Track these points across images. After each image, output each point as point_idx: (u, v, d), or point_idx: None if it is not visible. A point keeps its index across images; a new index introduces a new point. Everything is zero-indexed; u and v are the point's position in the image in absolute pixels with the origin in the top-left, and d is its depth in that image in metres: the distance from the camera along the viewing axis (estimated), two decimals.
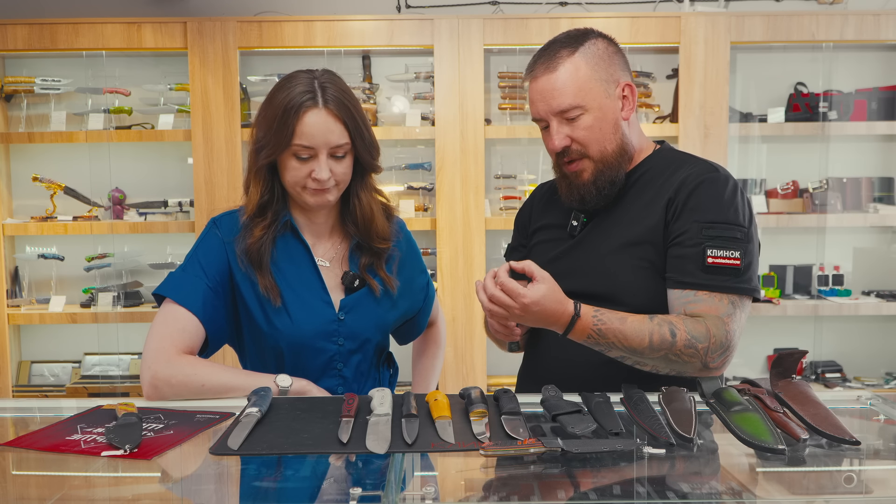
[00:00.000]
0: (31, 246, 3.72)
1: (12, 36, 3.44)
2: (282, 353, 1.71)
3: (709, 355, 1.53)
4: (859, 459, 1.24)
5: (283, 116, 1.63)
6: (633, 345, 1.53)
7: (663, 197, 1.64)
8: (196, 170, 3.50)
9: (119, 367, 3.74)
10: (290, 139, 1.63)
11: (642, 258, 1.63)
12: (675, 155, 1.75)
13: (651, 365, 1.56)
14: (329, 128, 1.64)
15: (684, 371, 1.56)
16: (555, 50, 1.64)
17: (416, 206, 3.65)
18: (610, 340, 1.53)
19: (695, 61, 3.46)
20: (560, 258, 1.73)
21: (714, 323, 1.54)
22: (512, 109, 3.64)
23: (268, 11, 3.65)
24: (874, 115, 3.63)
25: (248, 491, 1.21)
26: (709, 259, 1.56)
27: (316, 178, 1.65)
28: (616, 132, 1.65)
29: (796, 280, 3.73)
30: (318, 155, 1.65)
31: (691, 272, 1.58)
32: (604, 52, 1.65)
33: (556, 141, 1.64)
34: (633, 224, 1.66)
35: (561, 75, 1.62)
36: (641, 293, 1.62)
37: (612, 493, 1.10)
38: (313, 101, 1.63)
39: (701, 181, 1.62)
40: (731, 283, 1.57)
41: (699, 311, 1.56)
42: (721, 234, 1.58)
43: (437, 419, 1.35)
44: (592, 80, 1.62)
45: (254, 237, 1.70)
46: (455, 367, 3.53)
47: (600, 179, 1.66)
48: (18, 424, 1.55)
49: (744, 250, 1.58)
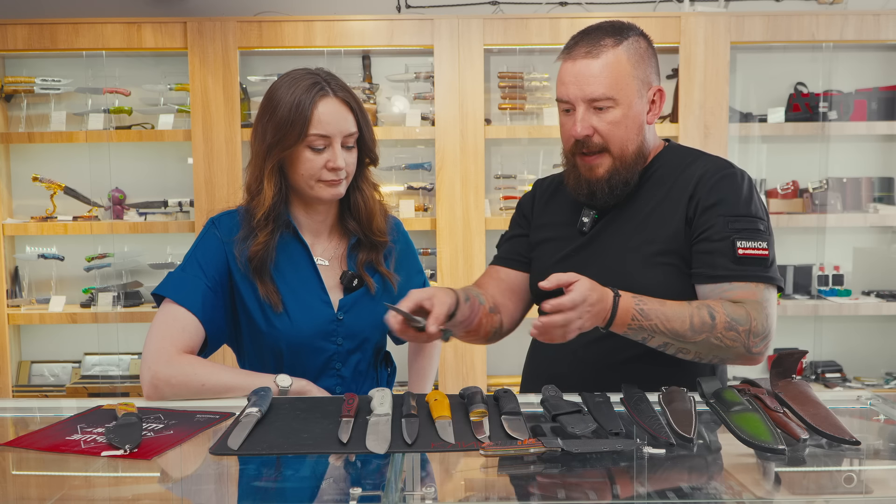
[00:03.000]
0: (31, 246, 3.72)
1: (12, 36, 3.44)
2: (281, 353, 1.71)
3: (751, 339, 1.52)
4: (859, 459, 1.24)
5: (297, 108, 1.63)
6: (676, 326, 1.49)
7: (681, 194, 1.64)
8: (196, 170, 3.50)
9: (119, 367, 3.73)
10: (307, 129, 1.63)
11: (661, 256, 1.62)
12: (685, 151, 1.75)
13: (694, 351, 1.52)
14: (342, 115, 1.67)
15: (727, 358, 1.55)
16: (599, 37, 1.61)
17: (416, 206, 3.65)
18: (653, 322, 1.49)
19: (695, 61, 3.46)
20: (571, 256, 1.71)
21: (754, 307, 1.53)
22: (512, 109, 3.64)
23: (268, 11, 3.65)
24: (874, 115, 3.63)
25: (247, 491, 1.21)
26: (739, 251, 1.56)
27: (333, 168, 1.66)
28: (639, 134, 1.64)
29: (796, 280, 3.73)
30: (333, 144, 1.66)
31: (723, 265, 1.57)
32: (644, 52, 1.65)
33: (580, 128, 1.60)
34: (650, 221, 1.65)
35: (602, 63, 1.59)
36: (659, 291, 1.60)
37: (612, 493, 1.10)
38: (324, 91, 1.66)
39: (721, 176, 1.63)
40: (760, 272, 1.57)
41: (737, 297, 1.55)
42: (747, 226, 1.58)
43: (437, 419, 1.35)
44: (630, 77, 1.61)
45: (258, 243, 1.69)
46: (455, 367, 3.53)
47: (615, 178, 1.64)
48: (18, 424, 1.55)
49: (768, 242, 1.60)
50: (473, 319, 1.63)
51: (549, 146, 3.70)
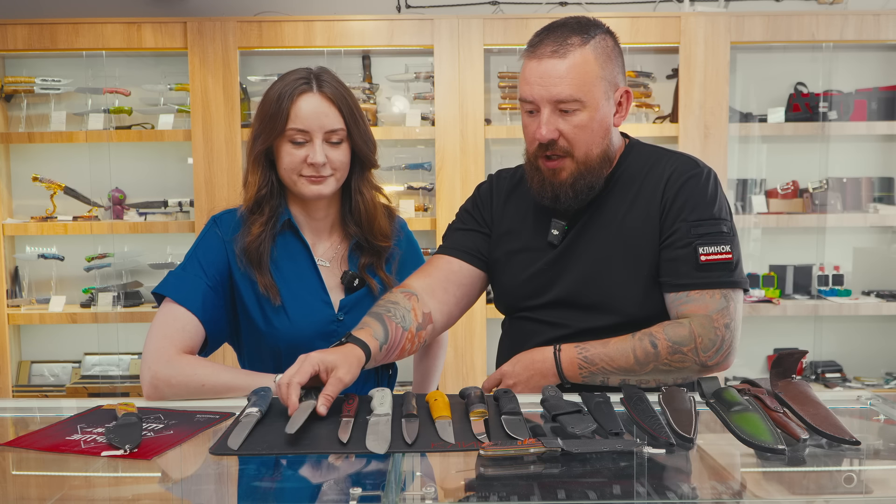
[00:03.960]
0: (31, 246, 3.72)
1: (12, 36, 3.44)
2: (280, 353, 1.71)
3: (700, 355, 1.53)
4: (859, 459, 1.24)
5: (278, 101, 1.66)
6: (622, 364, 1.53)
7: (650, 197, 1.61)
8: (196, 170, 3.50)
9: (119, 367, 3.73)
10: (285, 123, 1.65)
11: (638, 264, 1.60)
12: (648, 150, 1.69)
13: (651, 379, 1.55)
14: (323, 111, 1.66)
15: (686, 377, 1.56)
16: (565, 35, 1.55)
17: (416, 206, 3.65)
18: (599, 366, 1.54)
19: (695, 61, 3.46)
20: (544, 271, 1.66)
21: (699, 322, 1.53)
22: (512, 109, 3.64)
23: (268, 11, 3.65)
24: (874, 115, 3.63)
25: (247, 491, 1.20)
26: (702, 257, 1.55)
27: (311, 163, 1.66)
28: (605, 137, 1.59)
29: (796, 280, 3.73)
30: (313, 140, 1.66)
31: (686, 273, 1.57)
32: (611, 51, 1.59)
33: (545, 130, 1.54)
34: (623, 229, 1.61)
35: (569, 63, 1.52)
36: (635, 300, 1.60)
37: (612, 493, 1.10)
38: (307, 86, 1.67)
39: (687, 178, 1.60)
40: (724, 277, 1.56)
41: (689, 311, 1.56)
42: (709, 230, 1.57)
43: (437, 419, 1.35)
44: (597, 78, 1.55)
45: (252, 235, 1.70)
46: (455, 367, 3.53)
47: (579, 182, 1.59)
48: (18, 424, 1.55)
49: (732, 244, 1.58)
50: (392, 354, 1.59)
51: None
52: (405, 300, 1.64)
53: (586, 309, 1.62)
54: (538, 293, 1.67)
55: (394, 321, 1.59)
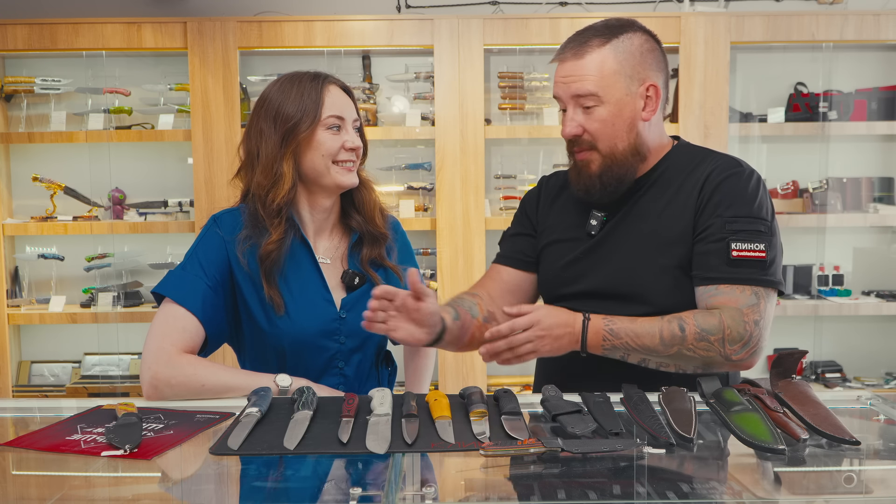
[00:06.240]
0: (31, 246, 3.72)
1: (12, 36, 3.44)
2: (283, 352, 1.71)
3: (726, 347, 1.51)
4: (859, 459, 1.24)
5: (308, 95, 1.69)
6: (646, 342, 1.52)
7: (689, 195, 1.63)
8: (196, 170, 3.50)
9: (119, 367, 3.73)
10: (321, 111, 1.69)
11: (670, 257, 1.62)
12: (694, 150, 1.73)
13: (673, 364, 1.54)
14: (347, 101, 1.76)
15: (710, 367, 1.54)
16: (587, 37, 1.62)
17: (416, 206, 3.65)
18: (623, 340, 1.53)
19: (695, 61, 3.46)
20: (580, 259, 1.70)
21: (730, 314, 1.52)
22: (512, 109, 3.64)
23: (268, 11, 3.65)
24: (874, 115, 3.63)
25: (248, 491, 1.21)
26: (733, 252, 1.55)
27: (351, 147, 1.72)
28: (631, 131, 1.62)
29: (796, 280, 3.72)
30: (346, 125, 1.73)
31: (716, 267, 1.57)
32: (637, 49, 1.62)
33: (568, 127, 1.63)
34: (659, 222, 1.64)
35: (586, 63, 1.60)
36: (668, 293, 1.61)
37: (612, 493, 1.10)
38: (329, 79, 1.75)
39: (727, 176, 1.62)
40: (755, 275, 1.56)
41: (718, 303, 1.55)
42: (745, 227, 1.57)
43: (437, 419, 1.35)
44: (616, 75, 1.60)
45: (272, 241, 1.68)
46: (455, 367, 3.53)
47: (606, 175, 1.64)
48: (18, 424, 1.55)
49: (768, 243, 1.57)
50: (464, 337, 1.64)
51: (549, 146, 3.70)
52: (470, 297, 1.75)
53: (618, 299, 1.63)
54: (573, 281, 1.70)
55: (463, 307, 1.68)
